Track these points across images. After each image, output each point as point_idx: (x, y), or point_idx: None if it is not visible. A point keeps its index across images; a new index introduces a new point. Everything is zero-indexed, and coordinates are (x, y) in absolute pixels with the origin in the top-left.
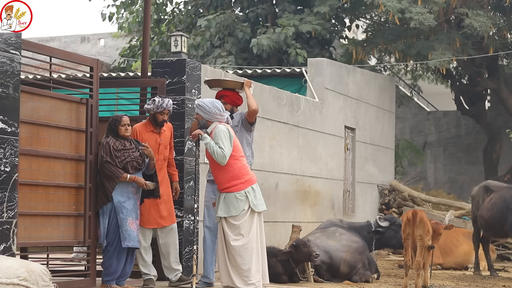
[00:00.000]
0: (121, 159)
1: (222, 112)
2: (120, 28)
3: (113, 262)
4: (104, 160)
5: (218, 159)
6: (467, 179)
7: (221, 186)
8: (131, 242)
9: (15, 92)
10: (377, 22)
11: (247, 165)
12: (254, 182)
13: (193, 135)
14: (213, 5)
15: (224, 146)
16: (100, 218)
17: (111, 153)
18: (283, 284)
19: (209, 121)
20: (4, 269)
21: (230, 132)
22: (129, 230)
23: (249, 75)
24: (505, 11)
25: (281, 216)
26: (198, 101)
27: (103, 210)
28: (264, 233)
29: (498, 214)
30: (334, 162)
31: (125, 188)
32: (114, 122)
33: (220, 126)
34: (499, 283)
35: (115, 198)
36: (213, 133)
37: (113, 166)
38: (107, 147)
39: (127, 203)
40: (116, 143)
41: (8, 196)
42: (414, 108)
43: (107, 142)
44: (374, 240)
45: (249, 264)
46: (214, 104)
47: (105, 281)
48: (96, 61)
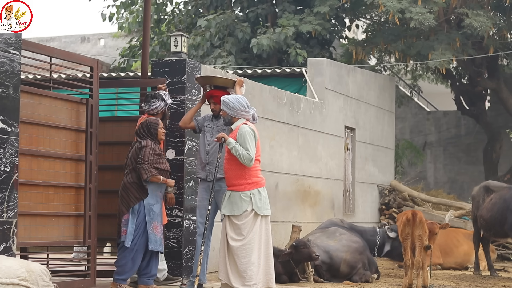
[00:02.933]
0: (157, 163)
1: (247, 108)
2: (120, 28)
3: (129, 262)
4: (141, 162)
5: (245, 161)
6: (467, 179)
7: (228, 182)
8: (154, 245)
9: (15, 92)
10: (377, 22)
11: (259, 168)
12: (261, 185)
13: (217, 138)
14: (213, 5)
15: (250, 148)
16: (129, 217)
17: (152, 156)
18: (283, 284)
19: (234, 117)
20: (4, 269)
21: (255, 133)
22: (152, 233)
23: (249, 75)
24: (505, 11)
25: (281, 216)
26: (223, 98)
27: (133, 209)
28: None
29: (498, 214)
30: (334, 162)
31: (155, 191)
32: (153, 126)
33: (245, 127)
34: (499, 283)
35: (146, 200)
36: (238, 134)
37: (149, 165)
38: (148, 150)
39: (155, 206)
40: (156, 147)
41: (8, 196)
42: (414, 108)
43: (148, 145)
44: (377, 247)
45: (246, 266)
46: (239, 101)
47: (116, 279)
48: (96, 61)
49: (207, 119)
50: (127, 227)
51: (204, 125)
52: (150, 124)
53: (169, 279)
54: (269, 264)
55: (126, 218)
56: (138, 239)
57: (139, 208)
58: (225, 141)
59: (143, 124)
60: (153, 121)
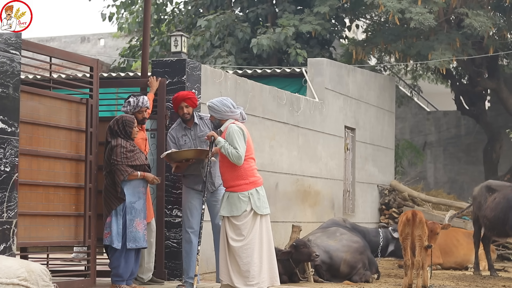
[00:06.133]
0: (131, 160)
1: (233, 108)
2: (120, 28)
3: (121, 262)
4: (115, 163)
5: (234, 160)
6: (467, 179)
7: (226, 183)
8: (136, 243)
9: (15, 92)
10: (377, 22)
11: (255, 167)
12: (259, 184)
13: (207, 136)
14: (213, 5)
15: (238, 146)
16: (113, 219)
17: (125, 154)
18: (283, 284)
19: (222, 119)
20: (4, 269)
21: (243, 131)
22: (134, 231)
23: (249, 75)
24: (505, 11)
25: (281, 216)
26: (208, 102)
27: (116, 211)
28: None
29: (502, 213)
30: (334, 162)
31: (136, 188)
32: (128, 124)
33: (233, 126)
34: (499, 283)
35: (128, 198)
36: (226, 134)
37: (123, 166)
38: (119, 150)
39: (137, 203)
40: (127, 144)
41: (8, 196)
42: (414, 108)
43: (118, 144)
44: (380, 248)
45: (248, 265)
46: (223, 102)
47: (114, 281)
48: (96, 61)
49: (179, 134)
50: (110, 230)
51: (180, 143)
52: (126, 121)
53: (153, 281)
54: (272, 262)
55: (109, 220)
56: (125, 239)
57: (123, 208)
58: (215, 140)
59: (118, 120)
60: (129, 118)
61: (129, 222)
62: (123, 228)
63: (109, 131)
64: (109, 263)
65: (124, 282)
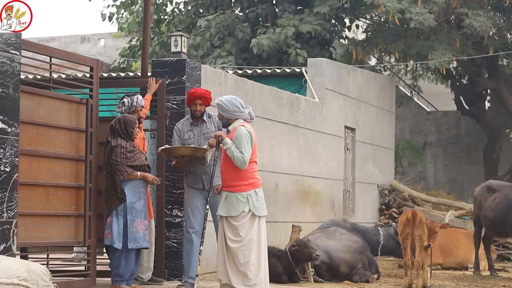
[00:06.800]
0: (131, 160)
1: (242, 108)
2: (120, 28)
3: (122, 262)
4: (115, 163)
5: (239, 164)
6: (467, 179)
7: (225, 183)
8: (136, 243)
9: (15, 92)
10: (377, 22)
11: (255, 169)
12: (258, 186)
13: (215, 135)
14: (213, 5)
15: (245, 151)
16: (113, 219)
17: (124, 155)
18: (283, 284)
19: (230, 119)
20: (4, 269)
21: (251, 135)
22: (135, 231)
23: (249, 75)
24: (505, 11)
25: (281, 216)
26: (217, 100)
27: (117, 211)
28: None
29: (502, 213)
30: (334, 162)
31: (137, 188)
32: (130, 124)
33: (243, 129)
34: (499, 283)
35: (128, 198)
36: (234, 136)
37: (123, 166)
38: (119, 150)
39: (138, 203)
40: (127, 144)
41: (8, 196)
42: (414, 108)
43: (118, 145)
44: (381, 246)
45: (246, 266)
46: (232, 102)
47: (115, 280)
48: (96, 61)
49: (185, 129)
50: (111, 230)
51: (184, 138)
52: (128, 121)
53: (153, 281)
54: (265, 264)
55: (110, 220)
56: (125, 240)
57: (123, 208)
58: (222, 141)
59: (120, 119)
60: (131, 118)
61: (129, 222)
62: (123, 228)
63: (110, 131)
64: (109, 263)
65: (124, 282)
